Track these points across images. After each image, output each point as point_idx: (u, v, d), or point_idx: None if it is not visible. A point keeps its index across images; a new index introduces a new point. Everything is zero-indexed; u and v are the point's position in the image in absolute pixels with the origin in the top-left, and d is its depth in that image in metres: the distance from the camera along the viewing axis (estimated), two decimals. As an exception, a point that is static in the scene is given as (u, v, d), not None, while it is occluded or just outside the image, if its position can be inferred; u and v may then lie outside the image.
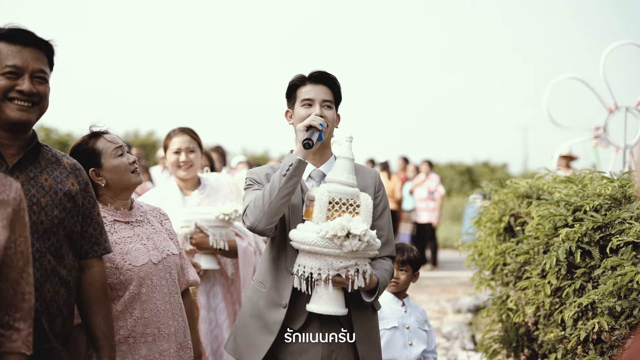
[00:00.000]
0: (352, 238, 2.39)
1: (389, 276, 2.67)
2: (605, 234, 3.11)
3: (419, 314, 3.46)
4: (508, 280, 4.04)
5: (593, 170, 3.92)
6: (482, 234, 4.34)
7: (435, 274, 11.03)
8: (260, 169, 2.73)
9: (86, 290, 2.31)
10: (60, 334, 2.18)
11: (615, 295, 2.93)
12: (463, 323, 6.87)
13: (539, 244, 3.51)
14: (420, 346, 3.38)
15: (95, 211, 2.33)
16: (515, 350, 4.05)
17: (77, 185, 2.26)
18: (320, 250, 2.42)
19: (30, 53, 2.14)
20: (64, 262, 2.20)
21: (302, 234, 2.46)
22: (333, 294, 2.47)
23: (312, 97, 2.65)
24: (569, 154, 7.61)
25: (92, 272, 2.33)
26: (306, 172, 2.68)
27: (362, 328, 2.64)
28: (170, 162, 3.75)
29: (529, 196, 4.06)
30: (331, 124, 2.66)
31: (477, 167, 28.91)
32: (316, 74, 2.68)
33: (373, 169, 2.82)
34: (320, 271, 2.43)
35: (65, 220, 2.20)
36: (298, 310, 2.59)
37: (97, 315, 2.33)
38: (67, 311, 2.22)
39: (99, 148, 2.62)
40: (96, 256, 2.34)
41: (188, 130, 3.78)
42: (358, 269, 2.46)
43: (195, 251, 3.61)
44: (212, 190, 3.80)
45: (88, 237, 2.31)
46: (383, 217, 2.72)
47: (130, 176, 2.63)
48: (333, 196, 2.49)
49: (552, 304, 3.33)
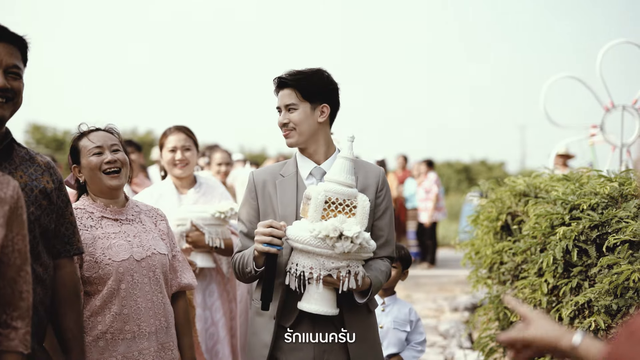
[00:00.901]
0: (344, 240, 2.37)
1: (385, 277, 2.64)
2: (602, 233, 3.10)
3: (402, 314, 3.42)
4: (505, 279, 4.04)
5: (590, 169, 3.92)
6: (479, 232, 4.33)
7: (433, 272, 11.04)
8: (259, 174, 2.73)
9: (57, 291, 2.26)
10: (37, 333, 2.13)
11: (612, 294, 2.93)
12: (460, 321, 6.87)
13: (535, 243, 3.51)
14: (389, 348, 3.35)
15: (68, 210, 2.29)
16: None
17: (52, 183, 2.22)
18: (313, 250, 2.40)
19: (4, 48, 2.08)
20: (40, 260, 2.15)
21: (297, 231, 2.44)
22: (324, 294, 2.46)
23: (279, 105, 2.68)
24: (565, 152, 7.61)
25: (63, 272, 2.28)
26: (307, 169, 2.68)
27: (356, 329, 2.62)
28: (166, 161, 3.73)
29: (526, 194, 4.05)
30: (300, 123, 2.64)
31: (474, 166, 28.97)
32: (276, 81, 2.69)
33: (378, 167, 2.78)
34: (312, 270, 2.41)
35: (41, 217, 2.16)
36: (289, 308, 2.58)
37: (68, 316, 2.28)
38: (44, 310, 2.17)
39: (80, 146, 2.66)
40: (68, 256, 2.29)
41: (184, 129, 3.76)
42: (350, 270, 2.43)
43: (192, 249, 3.60)
44: (208, 189, 3.79)
45: (60, 237, 2.26)
46: (384, 217, 2.69)
47: (100, 176, 2.62)
48: (330, 196, 2.47)
49: (549, 303, 3.32)
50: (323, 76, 2.68)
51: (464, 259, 4.50)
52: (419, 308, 7.88)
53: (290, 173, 2.68)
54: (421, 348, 3.44)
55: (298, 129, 2.64)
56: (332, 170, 2.53)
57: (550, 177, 4.07)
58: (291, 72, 2.67)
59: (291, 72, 2.67)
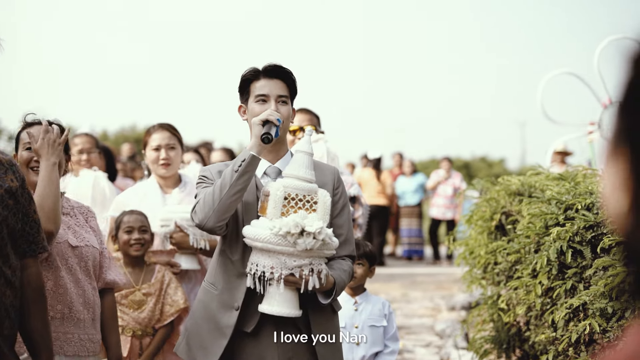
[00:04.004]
0: (306, 236, 2.28)
1: (348, 277, 2.55)
2: (597, 233, 3.04)
3: (377, 309, 3.35)
4: (499, 280, 3.97)
5: (586, 167, 3.85)
6: (472, 232, 4.26)
7: (431, 270, 10.96)
8: (213, 166, 2.63)
9: (23, 291, 2.19)
10: (9, 337, 2.08)
11: (607, 297, 2.86)
12: (457, 321, 6.79)
13: (529, 243, 3.44)
14: (370, 347, 3.28)
15: (31, 208, 2.21)
16: (507, 350, 3.97)
17: (16, 181, 2.15)
18: (273, 248, 2.30)
19: None
20: (9, 262, 2.09)
21: (255, 230, 2.34)
22: (286, 295, 2.35)
23: (266, 93, 2.54)
24: (563, 149, 7.53)
25: (28, 272, 2.21)
26: (261, 168, 2.57)
27: (321, 330, 2.52)
28: (150, 160, 3.62)
29: (520, 194, 3.98)
30: (286, 120, 2.55)
31: (474, 162, 28.89)
32: (270, 68, 2.56)
33: (332, 166, 2.71)
34: (273, 270, 2.31)
35: (8, 217, 2.09)
36: (250, 311, 2.47)
37: (34, 317, 2.21)
38: (14, 313, 2.11)
39: (20, 137, 2.69)
40: (33, 256, 2.23)
41: (168, 126, 3.66)
42: (313, 268, 2.34)
43: (176, 251, 3.51)
44: (193, 188, 3.68)
45: (25, 236, 2.19)
46: (342, 214, 2.60)
47: (27, 171, 2.63)
48: (289, 191, 2.37)
49: (543, 305, 3.26)
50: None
51: (458, 258, 4.44)
52: (415, 307, 7.80)
53: None
54: (394, 347, 3.38)
55: (283, 125, 2.54)
56: (291, 165, 2.44)
57: (545, 175, 3.99)
58: (279, 65, 2.58)
59: (279, 65, 2.58)
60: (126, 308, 3.31)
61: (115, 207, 3.61)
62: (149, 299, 3.33)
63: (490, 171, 23.68)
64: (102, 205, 3.90)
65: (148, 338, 3.33)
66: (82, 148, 4.33)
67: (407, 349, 5.87)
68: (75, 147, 4.31)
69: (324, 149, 3.80)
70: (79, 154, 4.30)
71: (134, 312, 3.31)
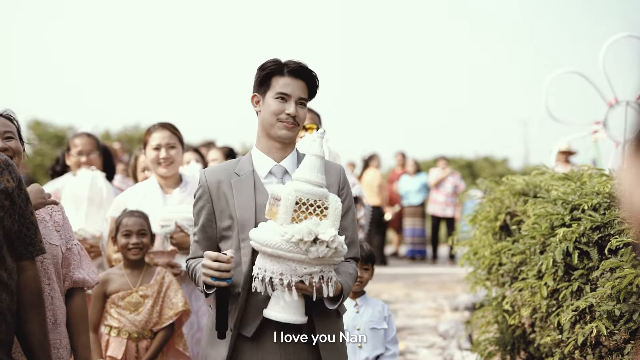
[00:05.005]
0: (319, 244, 2.22)
1: (353, 280, 2.51)
2: (604, 234, 2.99)
3: (376, 312, 3.33)
4: (504, 281, 3.92)
5: (592, 167, 3.80)
6: (477, 232, 4.21)
7: (434, 270, 10.91)
8: (212, 174, 2.54)
9: (20, 294, 2.14)
10: (5, 341, 2.04)
11: (614, 299, 2.81)
12: (460, 321, 6.74)
13: (535, 244, 3.39)
14: (372, 349, 3.26)
15: (28, 210, 2.17)
16: (511, 352, 3.93)
17: (12, 181, 2.11)
18: (284, 255, 2.23)
19: None
20: (5, 265, 2.05)
21: (265, 235, 2.27)
22: (293, 301, 2.30)
23: (289, 93, 2.48)
24: (567, 149, 7.48)
25: (26, 275, 2.16)
26: (266, 167, 2.52)
27: (326, 333, 2.47)
28: (150, 159, 3.58)
29: (525, 194, 3.94)
30: (301, 123, 2.52)
31: (478, 162, 28.80)
32: (297, 68, 2.49)
33: (338, 165, 2.65)
34: (282, 276, 2.25)
35: (4, 219, 2.05)
36: (251, 316, 2.42)
37: (32, 321, 2.16)
38: (11, 317, 2.07)
39: None
40: (30, 258, 2.17)
41: (168, 125, 3.62)
42: (323, 275, 2.28)
43: (176, 251, 3.47)
44: (194, 188, 3.64)
45: (22, 238, 2.14)
46: (347, 216, 2.55)
47: None
48: (300, 196, 2.31)
49: (549, 307, 3.21)
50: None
51: (462, 259, 4.39)
52: (418, 307, 7.76)
53: (246, 172, 2.51)
54: (395, 350, 3.35)
55: (299, 127, 2.53)
56: (302, 168, 2.37)
57: (550, 175, 3.94)
58: (305, 65, 2.52)
59: (305, 65, 2.52)
60: (123, 310, 3.27)
61: (116, 207, 3.56)
62: (147, 301, 3.29)
63: (494, 171, 23.60)
64: (100, 205, 3.85)
65: (145, 341, 3.29)
66: (81, 150, 4.19)
67: (410, 349, 5.83)
68: (75, 149, 4.23)
69: (326, 148, 3.77)
70: (78, 155, 4.23)
71: (130, 314, 3.27)
